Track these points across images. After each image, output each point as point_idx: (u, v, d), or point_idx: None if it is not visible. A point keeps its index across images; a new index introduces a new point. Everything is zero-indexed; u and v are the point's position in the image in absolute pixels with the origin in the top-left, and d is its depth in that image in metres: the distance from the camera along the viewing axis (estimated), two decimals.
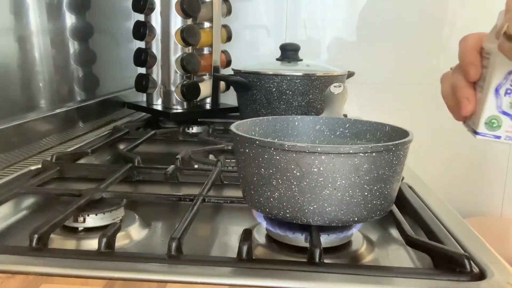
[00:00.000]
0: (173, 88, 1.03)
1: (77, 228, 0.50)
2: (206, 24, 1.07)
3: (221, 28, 1.08)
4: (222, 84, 1.10)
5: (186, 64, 0.98)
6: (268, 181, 0.43)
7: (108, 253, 0.42)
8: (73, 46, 0.94)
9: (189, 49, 1.01)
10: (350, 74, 1.07)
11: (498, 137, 0.40)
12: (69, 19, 0.92)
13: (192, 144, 0.85)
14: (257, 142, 0.43)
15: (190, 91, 1.01)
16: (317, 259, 0.41)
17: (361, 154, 0.41)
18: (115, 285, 0.37)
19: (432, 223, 0.50)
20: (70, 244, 0.48)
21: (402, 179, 0.60)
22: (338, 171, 0.41)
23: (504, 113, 0.40)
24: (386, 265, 0.45)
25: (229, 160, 0.72)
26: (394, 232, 0.52)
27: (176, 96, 1.03)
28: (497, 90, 0.39)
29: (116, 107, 1.12)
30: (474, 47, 0.40)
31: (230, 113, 1.08)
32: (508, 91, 0.39)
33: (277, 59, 0.99)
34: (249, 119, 0.54)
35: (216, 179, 0.62)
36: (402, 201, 0.56)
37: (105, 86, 1.08)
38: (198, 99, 1.05)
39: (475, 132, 0.41)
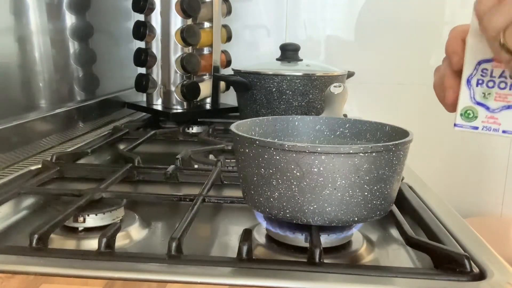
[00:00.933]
0: (173, 88, 1.03)
1: (77, 228, 0.50)
2: (206, 24, 1.07)
3: (221, 28, 1.08)
4: (222, 84, 1.10)
5: (186, 64, 0.98)
6: (268, 181, 0.43)
7: (108, 253, 0.42)
8: (73, 46, 0.94)
9: (189, 49, 1.01)
10: (350, 74, 1.07)
11: (476, 128, 0.40)
12: (69, 19, 0.92)
13: (192, 144, 0.85)
14: (257, 142, 0.43)
15: (190, 91, 1.01)
16: (317, 259, 0.41)
17: (361, 154, 0.41)
18: (115, 285, 0.37)
19: (432, 223, 0.50)
20: (70, 244, 0.48)
21: (402, 179, 0.60)
22: (338, 171, 0.41)
23: (478, 103, 0.39)
24: (386, 265, 0.45)
25: (229, 160, 0.72)
26: (394, 232, 0.52)
27: (176, 96, 1.03)
28: (468, 81, 0.39)
29: (116, 107, 1.12)
30: (460, 36, 0.40)
31: (230, 113, 1.08)
32: (480, 81, 0.39)
33: (277, 59, 0.99)
34: (249, 119, 0.54)
35: (216, 179, 0.62)
36: (402, 201, 0.56)
37: (105, 86, 1.08)
38: (198, 99, 1.05)
39: (454, 124, 0.40)
